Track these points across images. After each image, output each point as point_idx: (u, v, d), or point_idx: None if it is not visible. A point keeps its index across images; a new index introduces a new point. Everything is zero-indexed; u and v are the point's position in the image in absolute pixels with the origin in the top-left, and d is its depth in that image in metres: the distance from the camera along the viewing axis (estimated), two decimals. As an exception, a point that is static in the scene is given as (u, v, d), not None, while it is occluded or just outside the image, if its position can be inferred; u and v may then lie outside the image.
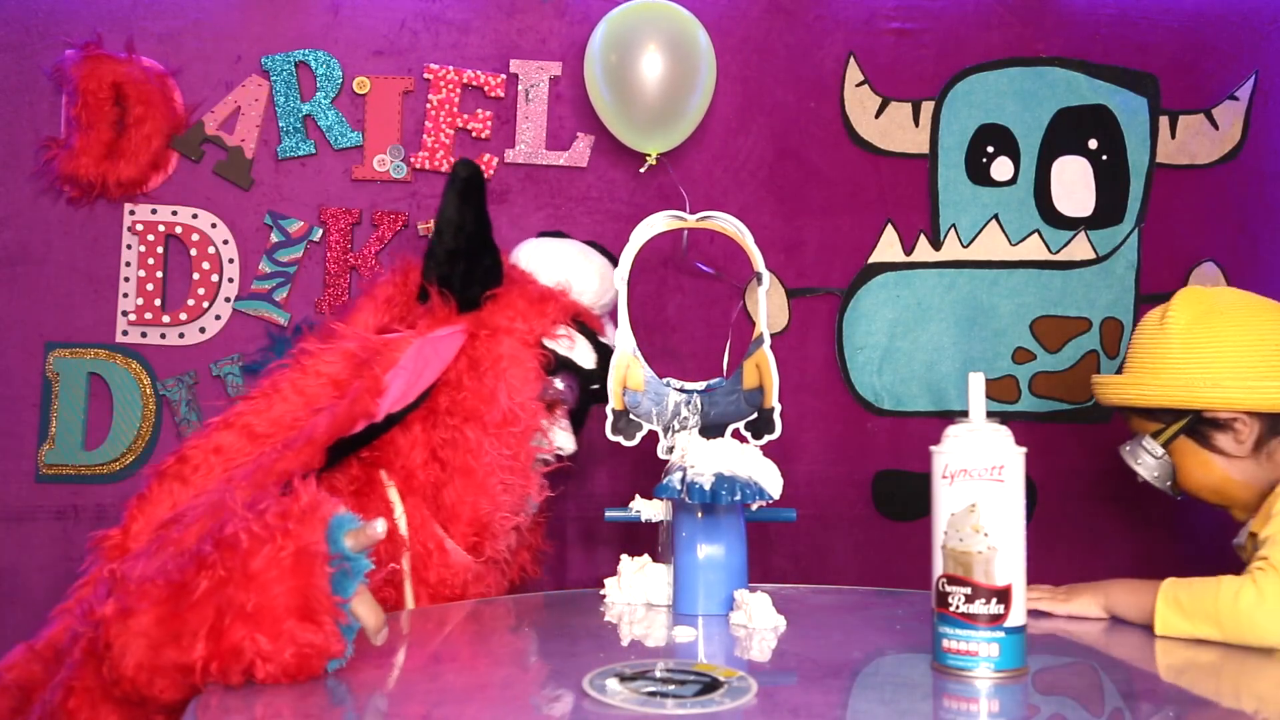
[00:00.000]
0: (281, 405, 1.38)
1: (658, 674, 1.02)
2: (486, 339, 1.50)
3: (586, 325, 1.61)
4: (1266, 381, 1.40)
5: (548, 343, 1.54)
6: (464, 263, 1.53)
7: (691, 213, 1.51)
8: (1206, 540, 2.10)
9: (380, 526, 1.07)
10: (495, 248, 1.57)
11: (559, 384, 1.55)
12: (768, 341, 1.45)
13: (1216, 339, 1.44)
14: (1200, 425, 1.45)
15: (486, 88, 2.01)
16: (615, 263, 1.63)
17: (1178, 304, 1.48)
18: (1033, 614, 1.27)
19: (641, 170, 1.96)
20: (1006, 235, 2.11)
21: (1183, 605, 1.23)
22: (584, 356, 1.58)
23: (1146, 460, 1.50)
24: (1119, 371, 1.57)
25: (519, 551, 1.61)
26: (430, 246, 1.54)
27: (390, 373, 1.41)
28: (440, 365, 1.47)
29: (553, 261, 1.63)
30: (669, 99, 1.88)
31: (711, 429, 1.45)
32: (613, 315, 1.62)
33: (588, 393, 1.62)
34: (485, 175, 1.53)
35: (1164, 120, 2.12)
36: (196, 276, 1.94)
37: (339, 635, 1.03)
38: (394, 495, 1.45)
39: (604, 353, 1.57)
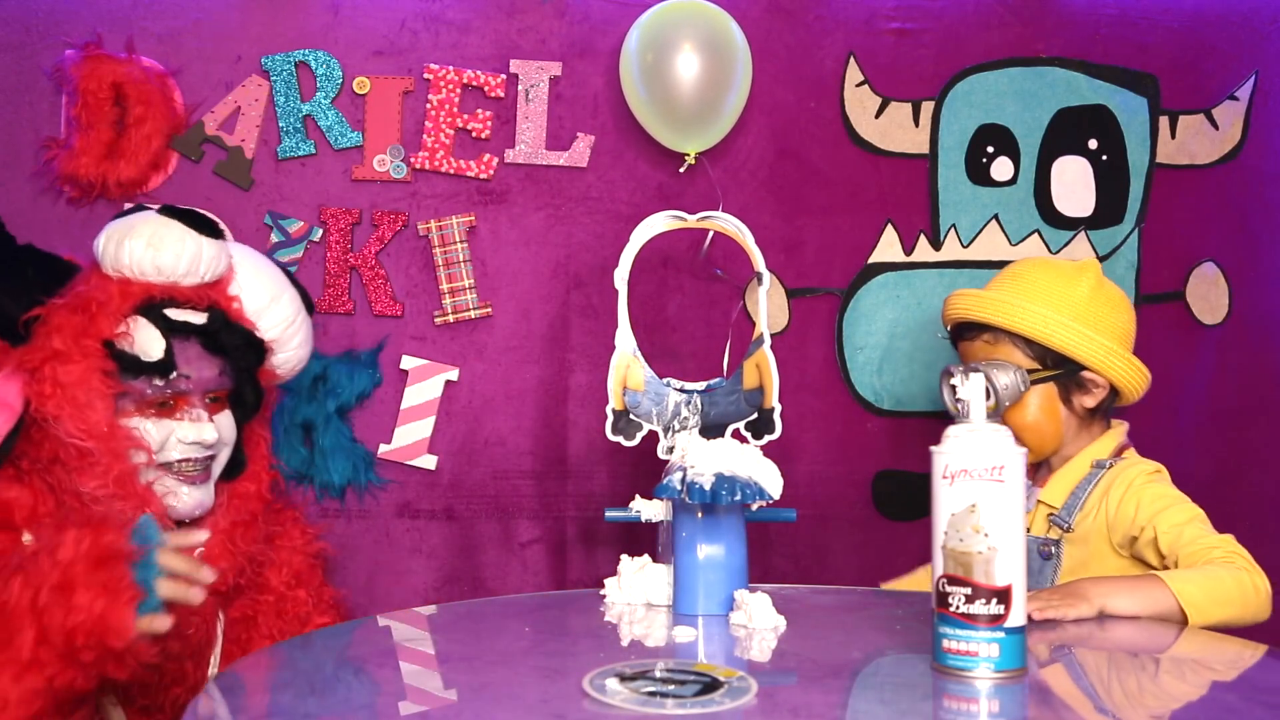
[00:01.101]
0: None
1: (658, 674, 1.02)
2: (38, 370, 1.33)
3: (171, 304, 1.41)
4: (1133, 363, 1.60)
5: (116, 345, 1.36)
6: None
7: (700, 211, 1.51)
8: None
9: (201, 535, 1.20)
10: (28, 261, 1.41)
11: (158, 381, 1.38)
12: (768, 341, 1.45)
13: (1112, 311, 1.61)
14: (1070, 379, 1.59)
15: (486, 88, 2.01)
16: (207, 225, 1.46)
17: (1089, 268, 1.63)
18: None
19: (681, 170, 1.97)
20: (1006, 235, 2.11)
21: (1207, 593, 1.31)
22: (148, 346, 1.38)
23: (1010, 388, 1.57)
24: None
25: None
26: None
27: None
28: (7, 415, 1.31)
29: (106, 250, 1.42)
30: (706, 97, 1.89)
31: (711, 429, 1.45)
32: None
33: (238, 360, 1.46)
34: None
35: (1164, 120, 2.12)
36: (196, 276, 1.94)
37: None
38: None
39: (178, 329, 1.40)
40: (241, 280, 1.50)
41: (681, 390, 1.47)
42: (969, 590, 0.99)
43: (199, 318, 1.43)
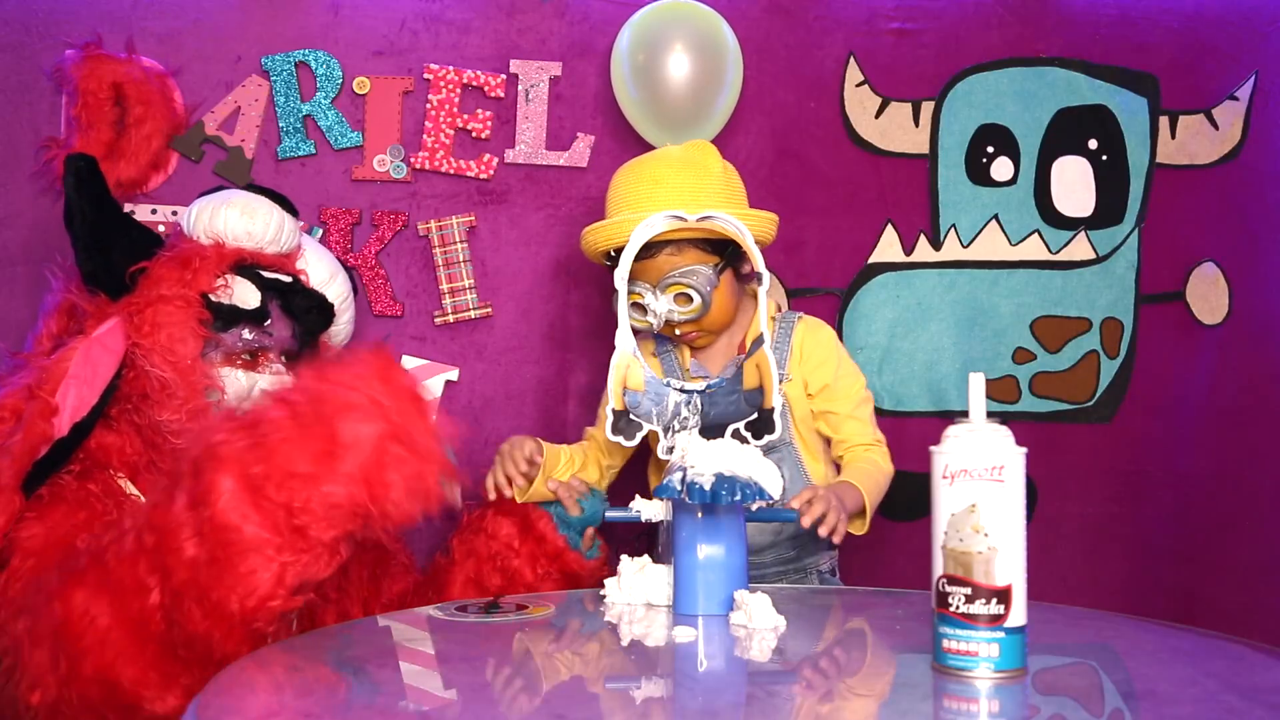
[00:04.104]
0: None
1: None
2: (139, 314, 1.50)
3: (259, 267, 1.59)
4: (771, 220, 1.66)
5: (212, 298, 1.54)
6: (99, 253, 1.53)
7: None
8: (1205, 540, 2.10)
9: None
10: (131, 225, 1.59)
11: (247, 334, 1.55)
12: (768, 341, 1.45)
13: (736, 177, 1.68)
14: (738, 256, 1.63)
15: (486, 88, 2.01)
16: (285, 204, 1.64)
17: (704, 147, 1.68)
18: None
19: None
20: (1006, 235, 2.11)
21: (876, 486, 1.61)
22: (246, 297, 1.56)
23: (711, 288, 1.59)
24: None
25: None
26: (74, 250, 1.55)
27: (61, 387, 1.43)
28: (112, 359, 1.48)
29: (199, 218, 1.60)
30: (697, 98, 1.89)
31: (711, 429, 1.45)
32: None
33: (309, 324, 1.62)
34: (97, 162, 1.55)
35: (1164, 120, 2.12)
36: (196, 276, 1.94)
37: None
38: (131, 489, 1.49)
39: (270, 286, 1.58)
40: (308, 256, 1.68)
41: (681, 390, 1.47)
42: (969, 590, 0.99)
43: (286, 278, 1.61)
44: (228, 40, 1.96)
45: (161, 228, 1.93)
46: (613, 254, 1.64)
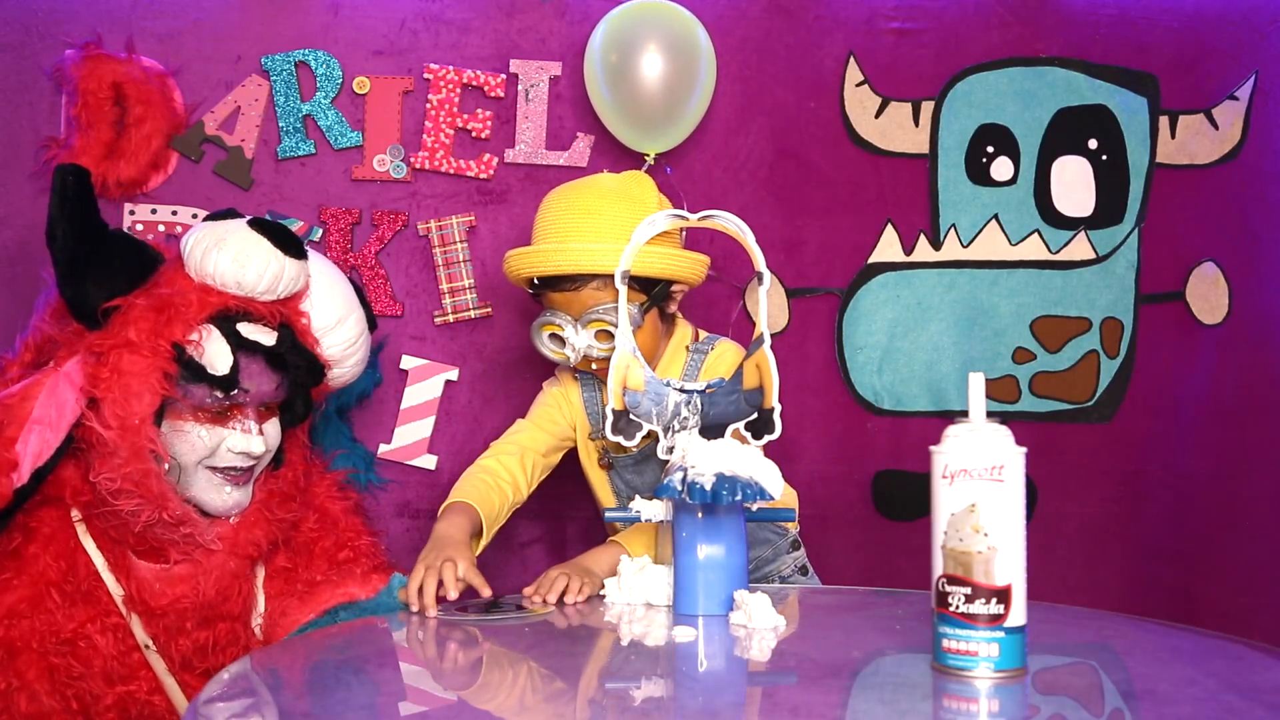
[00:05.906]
0: None
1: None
2: (103, 355, 1.39)
3: (245, 317, 1.46)
4: (702, 262, 1.63)
5: (184, 350, 1.41)
6: (74, 282, 1.41)
7: (691, 213, 1.51)
8: (1205, 540, 2.10)
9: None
10: (115, 254, 1.44)
11: (218, 393, 1.42)
12: (768, 341, 1.45)
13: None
14: (665, 295, 1.61)
15: (486, 88, 2.01)
16: (291, 243, 1.49)
17: (644, 182, 1.63)
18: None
19: (642, 170, 1.96)
20: (1006, 235, 2.11)
21: (648, 544, 1.49)
22: (216, 360, 1.42)
23: (630, 327, 1.54)
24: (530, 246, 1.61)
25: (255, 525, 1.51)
26: (54, 271, 1.43)
27: (23, 433, 1.35)
28: (80, 396, 1.39)
29: (193, 253, 1.46)
30: (669, 99, 1.89)
31: (711, 429, 1.45)
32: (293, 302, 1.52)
33: (300, 378, 1.51)
34: (88, 175, 1.41)
35: (1164, 120, 2.12)
36: (196, 276, 1.94)
37: None
38: (84, 535, 1.45)
39: (248, 347, 1.45)
40: (314, 298, 1.55)
41: (681, 390, 1.47)
42: (969, 590, 0.99)
43: (269, 338, 1.48)
44: (228, 40, 1.96)
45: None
46: (536, 281, 1.61)
